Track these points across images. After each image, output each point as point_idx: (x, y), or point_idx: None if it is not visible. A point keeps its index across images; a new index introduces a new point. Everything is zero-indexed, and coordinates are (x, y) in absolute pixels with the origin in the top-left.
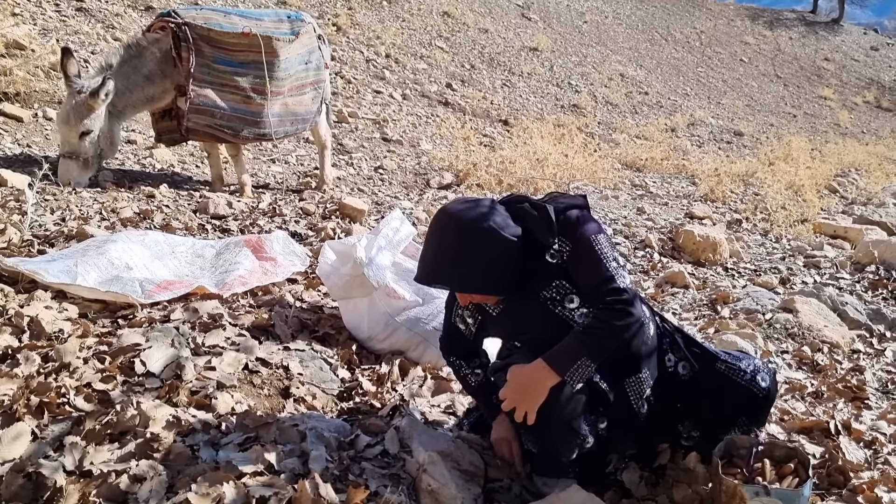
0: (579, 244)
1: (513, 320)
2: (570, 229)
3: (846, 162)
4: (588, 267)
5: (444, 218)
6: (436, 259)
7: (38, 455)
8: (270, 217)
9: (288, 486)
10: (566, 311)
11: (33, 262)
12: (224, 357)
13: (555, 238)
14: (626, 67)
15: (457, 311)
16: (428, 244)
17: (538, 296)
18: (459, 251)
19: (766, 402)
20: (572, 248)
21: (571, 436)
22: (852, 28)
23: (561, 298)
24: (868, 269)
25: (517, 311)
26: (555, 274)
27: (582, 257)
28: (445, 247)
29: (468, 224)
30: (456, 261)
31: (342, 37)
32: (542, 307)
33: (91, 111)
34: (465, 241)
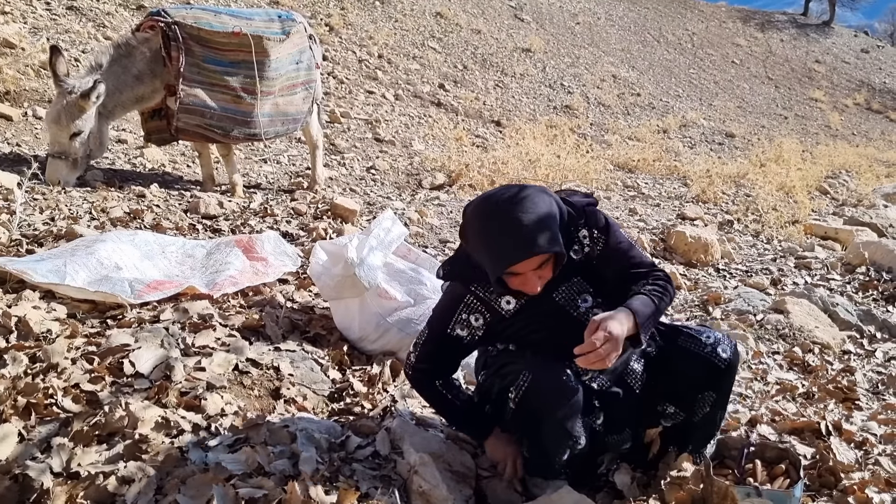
0: (615, 238)
1: (525, 321)
2: (603, 225)
3: (837, 164)
4: (628, 255)
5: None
6: (536, 226)
7: (25, 457)
8: (262, 217)
9: (278, 488)
10: (577, 312)
11: (22, 261)
12: (214, 358)
13: (577, 227)
14: (618, 69)
15: (459, 318)
16: (509, 221)
17: (552, 295)
18: (547, 212)
19: (728, 373)
20: (607, 242)
21: (564, 437)
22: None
23: (573, 298)
24: (859, 271)
25: (531, 311)
26: (574, 270)
27: (620, 249)
28: (536, 212)
29: (541, 193)
30: (547, 221)
31: (335, 37)
32: (556, 307)
33: (82, 112)
34: (544, 202)
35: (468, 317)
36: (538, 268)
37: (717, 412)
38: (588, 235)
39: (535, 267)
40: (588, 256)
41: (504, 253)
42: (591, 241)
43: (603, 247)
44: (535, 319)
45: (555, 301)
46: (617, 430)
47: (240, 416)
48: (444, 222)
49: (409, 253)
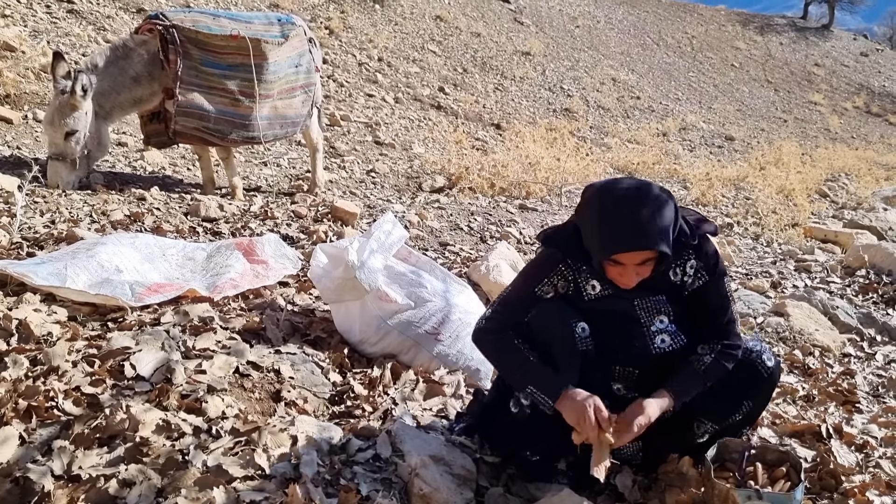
0: (718, 280)
1: (600, 310)
2: (713, 261)
3: (836, 167)
4: (719, 304)
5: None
6: (654, 221)
7: (26, 459)
8: (262, 220)
9: (279, 490)
10: (651, 328)
11: (22, 264)
12: (215, 360)
13: (690, 252)
14: (617, 72)
15: (551, 280)
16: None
17: (635, 299)
18: (667, 213)
19: (770, 382)
20: (710, 280)
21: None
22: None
23: (652, 314)
24: (858, 273)
25: (610, 305)
26: (663, 288)
27: (718, 293)
28: (657, 209)
29: (669, 199)
30: (665, 222)
31: (335, 40)
32: (633, 312)
33: (74, 110)
34: (667, 203)
35: (557, 281)
36: (641, 263)
37: (745, 424)
38: (695, 268)
39: (639, 262)
40: (683, 284)
41: (618, 238)
42: (695, 275)
43: (703, 286)
44: (607, 315)
45: (634, 307)
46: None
47: (240, 418)
48: (445, 225)
49: (410, 256)
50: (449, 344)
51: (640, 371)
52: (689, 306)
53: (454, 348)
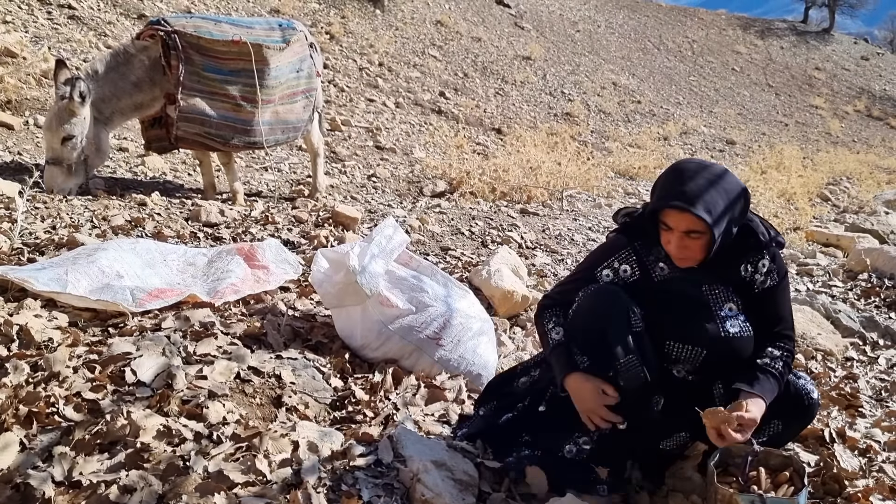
0: (787, 287)
1: (668, 291)
2: (783, 269)
3: (838, 170)
4: (786, 309)
5: (717, 166)
6: (706, 187)
7: (27, 465)
8: (263, 225)
9: (280, 496)
10: (720, 312)
11: (23, 270)
12: (216, 366)
13: (760, 254)
14: (618, 76)
15: (612, 264)
16: (703, 177)
17: (703, 285)
18: (730, 195)
19: (807, 413)
20: (779, 284)
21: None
22: (843, 38)
23: (721, 300)
24: (860, 277)
25: (678, 286)
26: (732, 280)
27: (786, 298)
28: (723, 187)
29: (729, 172)
30: (726, 203)
31: (335, 45)
32: (702, 295)
33: (72, 115)
34: (736, 189)
35: (620, 265)
36: (688, 233)
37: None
38: (767, 267)
39: (685, 230)
40: (753, 282)
41: (670, 194)
42: (767, 274)
43: (772, 287)
44: (678, 296)
45: (703, 292)
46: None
47: (242, 424)
48: (446, 230)
49: (411, 260)
50: (450, 349)
51: (707, 352)
52: (756, 305)
53: (455, 353)
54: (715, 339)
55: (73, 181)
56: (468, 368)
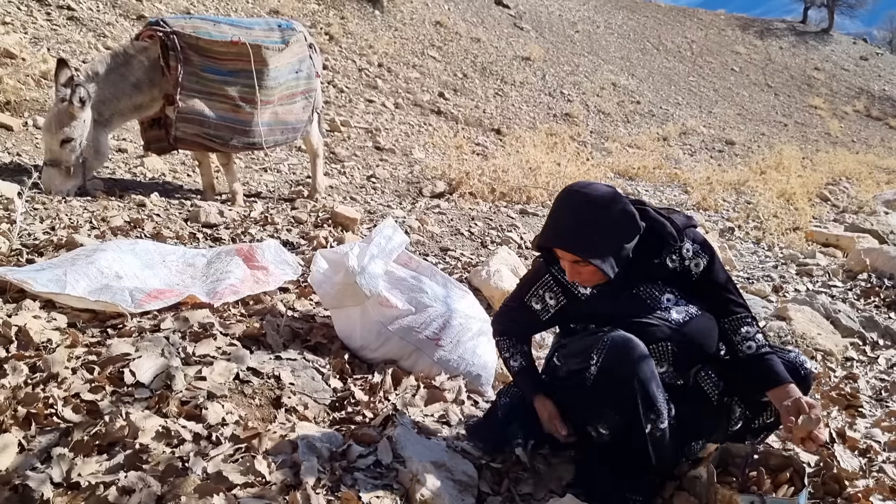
0: (718, 263)
1: (601, 305)
2: (707, 247)
3: (837, 170)
4: (727, 278)
5: (591, 194)
6: (578, 228)
7: (25, 467)
8: (262, 226)
9: (279, 497)
10: (659, 305)
11: (22, 271)
12: (215, 367)
13: (679, 242)
14: (617, 77)
15: (536, 292)
16: (568, 213)
17: (634, 288)
18: (602, 225)
19: (805, 383)
20: (711, 263)
21: (647, 402)
22: (842, 38)
23: (658, 294)
24: (860, 277)
25: (607, 297)
26: (663, 275)
27: (723, 275)
28: (590, 219)
29: (615, 205)
30: (594, 231)
31: (335, 46)
32: (636, 297)
33: (72, 119)
34: (610, 218)
35: (543, 293)
36: (575, 262)
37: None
38: (692, 250)
39: (570, 260)
40: (686, 269)
41: (545, 232)
42: (695, 256)
43: (707, 267)
44: (611, 301)
45: (633, 293)
46: (695, 438)
47: (241, 425)
48: (445, 230)
49: (410, 261)
50: (450, 349)
51: (672, 344)
52: (701, 290)
53: (455, 354)
54: (669, 329)
55: (71, 183)
56: (468, 369)
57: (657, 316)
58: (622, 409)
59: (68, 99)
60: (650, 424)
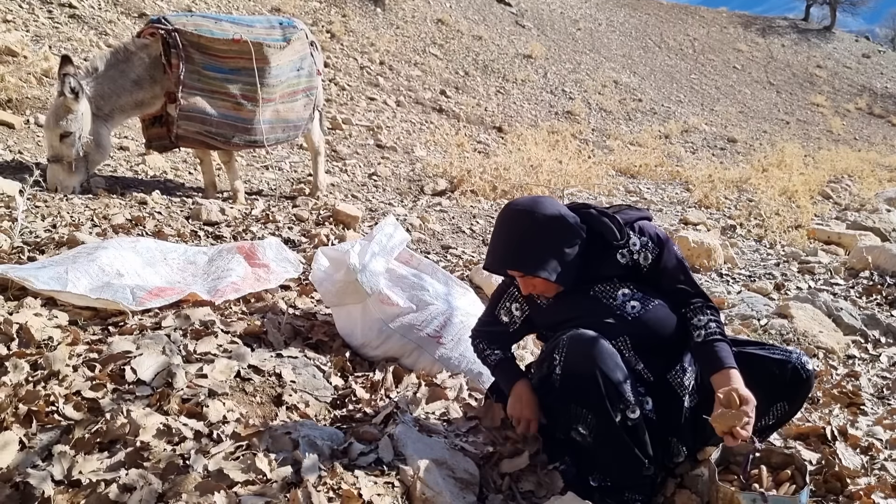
0: (668, 246)
1: (561, 311)
2: (656, 238)
3: (839, 168)
4: (680, 267)
5: (517, 209)
6: (512, 245)
7: (26, 464)
8: (263, 224)
9: (280, 495)
10: (615, 302)
11: (23, 268)
12: (216, 364)
13: (622, 239)
14: (619, 74)
15: (504, 304)
16: (502, 233)
17: (590, 290)
18: (536, 237)
19: (807, 385)
20: (660, 255)
21: (615, 395)
22: (844, 35)
23: (612, 291)
24: (862, 275)
25: (566, 303)
26: (617, 272)
27: (673, 256)
28: (522, 234)
29: (543, 214)
30: (532, 246)
31: (336, 44)
32: (593, 299)
33: (68, 112)
34: (542, 228)
35: (510, 305)
36: (522, 277)
37: (775, 428)
38: (639, 243)
39: (519, 276)
40: (636, 263)
41: (488, 257)
42: (643, 248)
43: (655, 259)
44: (571, 307)
45: (590, 295)
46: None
47: (242, 423)
48: (446, 228)
49: (412, 259)
50: (451, 347)
51: (629, 336)
52: (654, 282)
53: (456, 351)
54: (624, 322)
55: (75, 179)
56: (469, 367)
57: (615, 314)
58: (591, 404)
59: (60, 90)
60: (619, 414)
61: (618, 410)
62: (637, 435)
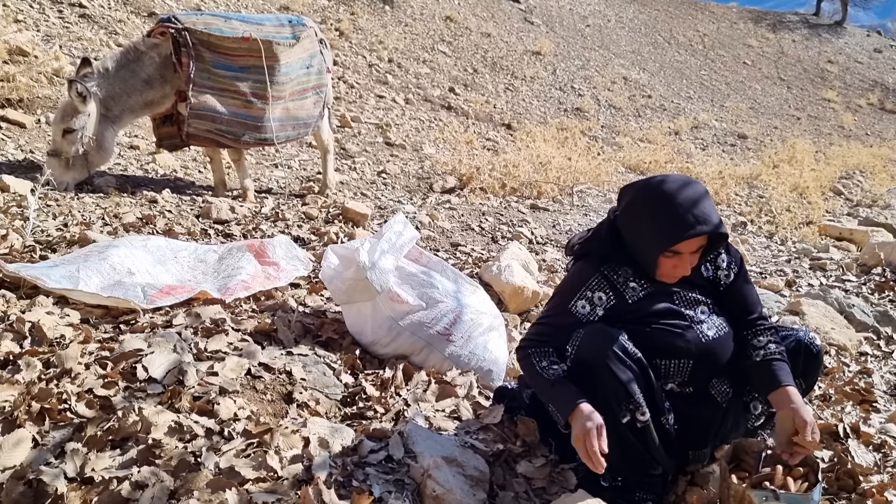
0: (743, 269)
1: (644, 309)
2: (738, 259)
3: (850, 164)
4: (749, 292)
5: (682, 176)
6: (710, 203)
7: (39, 462)
8: (273, 222)
9: (291, 492)
10: (694, 317)
11: (35, 267)
12: (226, 362)
13: (720, 253)
14: (628, 71)
15: (584, 293)
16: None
17: (674, 295)
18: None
19: (818, 359)
20: (740, 272)
21: (621, 392)
22: (855, 30)
23: (691, 306)
24: (874, 271)
25: (652, 301)
26: (697, 282)
27: (746, 281)
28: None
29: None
30: (714, 207)
31: (345, 41)
32: (674, 305)
33: (76, 111)
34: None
35: (593, 295)
36: (696, 251)
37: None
38: (727, 262)
39: (695, 249)
40: (716, 279)
41: (682, 225)
42: (728, 268)
43: (734, 278)
44: (655, 313)
45: (674, 302)
46: (699, 445)
47: (252, 420)
48: (456, 225)
49: (421, 256)
50: (461, 345)
51: (693, 361)
52: (726, 300)
53: (466, 349)
54: (698, 346)
55: (70, 175)
56: (479, 364)
57: (691, 329)
58: (598, 398)
59: (70, 93)
60: (628, 415)
61: (626, 410)
62: (645, 438)
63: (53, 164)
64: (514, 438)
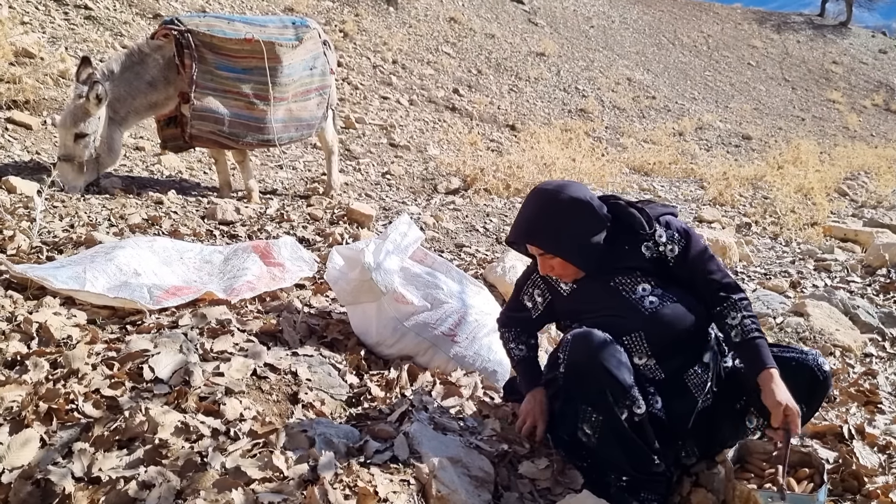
0: (696, 245)
1: (579, 299)
2: (682, 231)
3: (855, 165)
4: (708, 258)
5: (545, 189)
6: (535, 221)
7: (47, 462)
8: (278, 223)
9: (297, 492)
10: (634, 296)
11: (42, 268)
12: (232, 363)
13: (649, 230)
14: (633, 72)
15: (527, 290)
16: (526, 209)
17: (611, 281)
18: (558, 215)
19: (825, 386)
20: (687, 246)
21: (618, 390)
22: (860, 31)
23: (631, 286)
24: (879, 273)
25: (586, 292)
26: (640, 265)
27: (698, 252)
28: (545, 211)
29: (569, 196)
30: (553, 223)
31: (349, 43)
32: (612, 291)
33: (87, 114)
34: (565, 207)
35: (533, 291)
36: (542, 255)
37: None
38: (665, 235)
39: (537, 253)
40: (662, 256)
41: (513, 229)
42: (669, 240)
43: (682, 251)
44: (590, 297)
45: (610, 286)
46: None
47: (258, 420)
48: (460, 226)
49: (426, 257)
50: (465, 345)
51: (644, 332)
52: (681, 276)
53: (471, 350)
54: (642, 318)
55: (83, 179)
56: (483, 365)
57: (632, 308)
58: (594, 400)
59: (85, 95)
60: (626, 411)
61: (623, 407)
62: (643, 431)
63: (66, 169)
64: (518, 439)
